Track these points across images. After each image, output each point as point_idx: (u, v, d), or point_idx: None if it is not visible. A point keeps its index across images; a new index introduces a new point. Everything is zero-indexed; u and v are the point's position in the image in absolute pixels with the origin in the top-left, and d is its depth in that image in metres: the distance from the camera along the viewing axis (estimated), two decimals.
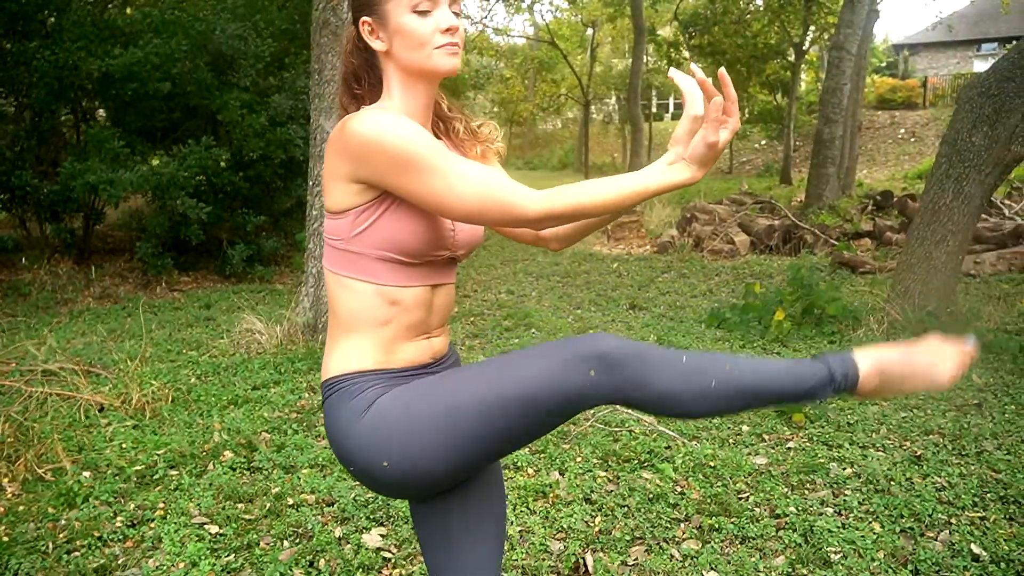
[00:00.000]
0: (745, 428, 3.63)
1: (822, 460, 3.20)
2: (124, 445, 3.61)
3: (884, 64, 30.11)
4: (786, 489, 2.95)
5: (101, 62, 7.48)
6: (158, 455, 3.47)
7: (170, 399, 4.24)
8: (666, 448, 3.36)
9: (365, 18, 1.34)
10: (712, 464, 3.16)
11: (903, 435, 3.48)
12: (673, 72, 1.24)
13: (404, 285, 1.32)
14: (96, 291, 7.88)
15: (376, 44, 1.34)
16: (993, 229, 8.27)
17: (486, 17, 37.82)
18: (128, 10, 12.67)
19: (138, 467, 3.34)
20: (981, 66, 27.83)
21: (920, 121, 24.76)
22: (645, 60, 20.97)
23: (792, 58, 20.18)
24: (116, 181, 7.26)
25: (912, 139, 24.04)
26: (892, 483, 2.95)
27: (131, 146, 8.14)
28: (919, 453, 3.24)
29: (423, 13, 1.29)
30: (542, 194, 1.21)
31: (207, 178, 8.28)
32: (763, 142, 27.59)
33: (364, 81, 1.41)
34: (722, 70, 1.14)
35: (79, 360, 5.03)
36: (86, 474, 3.27)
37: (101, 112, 9.53)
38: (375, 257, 1.29)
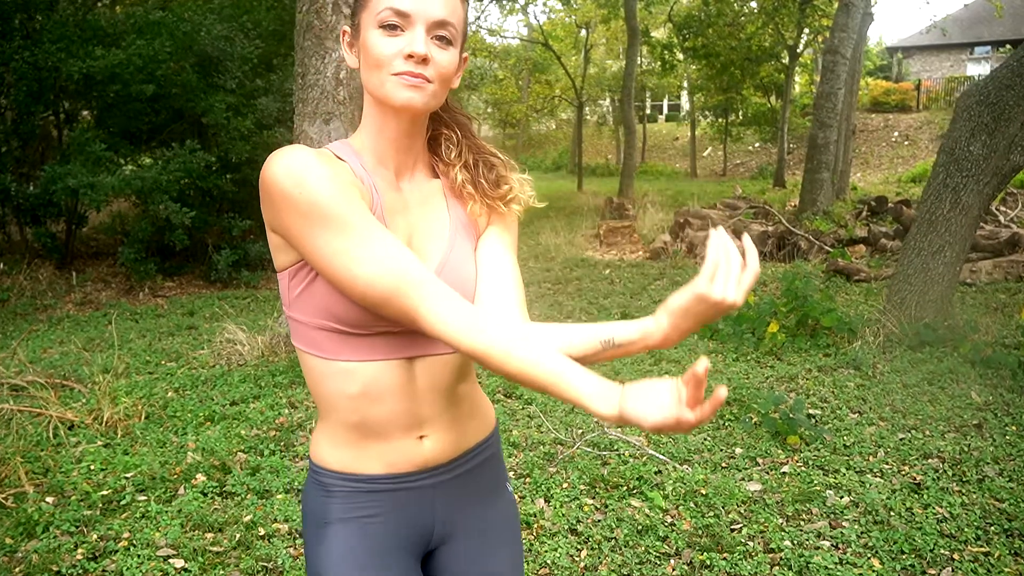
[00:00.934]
0: (739, 451, 3.51)
1: (818, 487, 3.07)
2: (92, 467, 3.46)
3: (878, 67, 30.09)
4: (781, 520, 2.82)
5: (82, 63, 7.32)
6: (127, 478, 3.33)
7: (144, 416, 4.09)
8: (656, 473, 3.23)
9: (345, 27, 1.17)
10: (704, 492, 3.03)
11: (901, 458, 3.35)
12: (716, 234, 0.97)
13: (357, 359, 1.10)
14: (77, 297, 7.72)
15: (350, 59, 1.16)
16: (989, 237, 8.17)
17: (479, 17, 37.67)
18: (118, 8, 12.53)
19: (105, 491, 3.20)
20: (974, 69, 27.82)
21: (914, 124, 24.76)
22: (639, 62, 20.86)
23: (786, 60, 20.10)
24: (97, 185, 7.09)
25: (906, 142, 24.03)
26: (891, 513, 2.83)
27: (115, 148, 7.98)
28: (919, 479, 3.12)
29: (389, 30, 1.07)
30: (456, 318, 1.00)
31: (192, 181, 8.12)
32: (756, 145, 27.54)
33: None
34: (703, 363, 0.86)
35: (52, 373, 4.88)
36: (49, 500, 3.12)
37: (85, 114, 9.35)
38: (314, 326, 1.10)
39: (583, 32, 25.68)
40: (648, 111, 32.37)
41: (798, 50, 19.49)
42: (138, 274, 8.00)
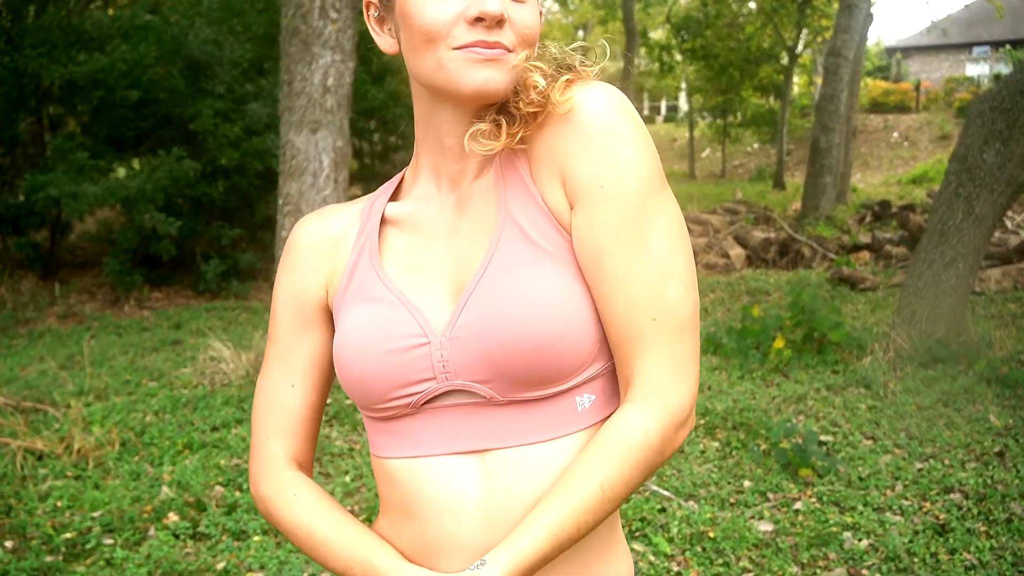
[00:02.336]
0: (747, 484, 3.30)
1: (834, 528, 2.86)
2: (59, 503, 3.25)
3: (876, 67, 29.92)
4: (796, 568, 2.61)
5: (64, 68, 7.10)
6: (94, 518, 3.11)
7: (119, 443, 3.88)
8: (660, 512, 3.02)
9: None
10: (712, 534, 2.82)
11: (921, 493, 3.14)
12: None
13: (394, 454, 0.83)
14: (60, 309, 7.50)
15: (382, 42, 0.85)
16: (997, 244, 7.97)
17: None
18: (110, 10, 12.30)
19: (69, 534, 2.98)
20: (973, 69, 27.64)
21: (913, 125, 24.58)
22: (637, 63, 20.67)
23: (785, 62, 19.91)
24: (79, 195, 6.88)
25: (905, 143, 23.86)
26: (915, 560, 2.62)
27: (99, 156, 7.76)
28: (942, 519, 2.91)
29: None
30: (272, 473, 0.90)
31: (179, 189, 7.90)
32: (755, 146, 27.34)
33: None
34: None
35: (26, 395, 4.66)
36: (8, 544, 2.91)
37: (71, 120, 9.14)
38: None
39: (580, 33, 25.50)
40: (646, 112, 32.18)
41: (797, 51, 19.29)
42: (123, 285, 7.78)
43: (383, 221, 0.88)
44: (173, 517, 3.11)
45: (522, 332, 0.75)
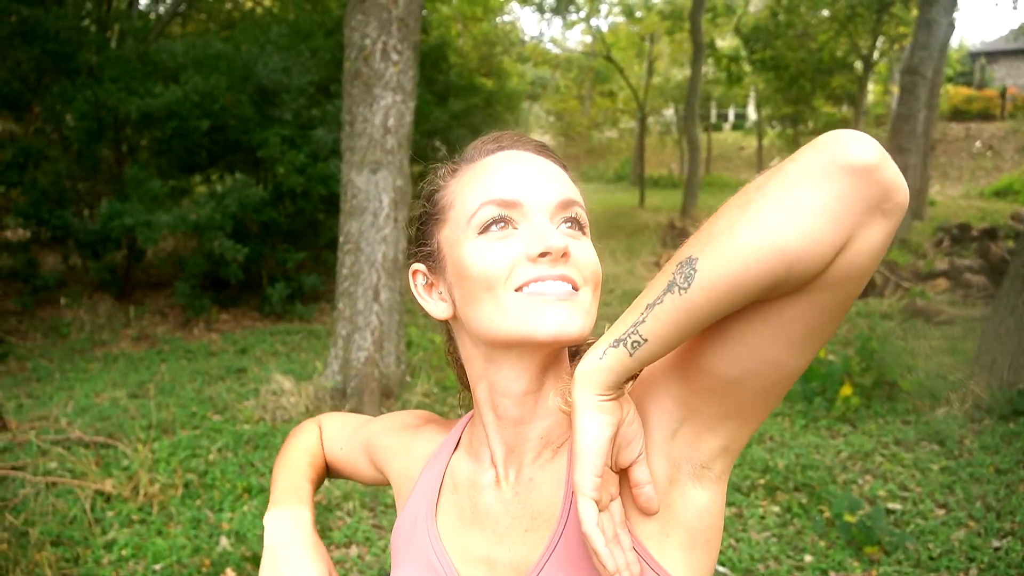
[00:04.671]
0: (808, 559, 3.17)
1: None
2: (124, 552, 3.36)
3: (958, 73, 28.68)
4: None
5: (140, 101, 7.37)
6: (156, 571, 3.20)
7: (182, 487, 3.98)
8: None
9: (416, 266, 0.83)
10: None
11: None
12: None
13: None
14: (134, 332, 7.78)
15: (434, 308, 0.81)
16: None
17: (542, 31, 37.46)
18: (189, 26, 12.72)
19: None
20: None
21: (998, 134, 23.47)
22: (704, 71, 20.31)
23: (859, 71, 19.28)
24: (153, 223, 7.12)
25: (988, 153, 22.81)
26: None
27: (172, 177, 8.04)
28: None
29: (497, 230, 0.74)
30: (317, 423, 1.20)
31: (246, 215, 8.12)
32: None
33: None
34: None
35: (97, 429, 4.84)
36: None
37: (144, 146, 9.49)
38: None
39: (647, 42, 25.22)
40: (713, 120, 31.64)
41: (872, 60, 18.65)
42: (193, 309, 8.03)
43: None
44: (231, 574, 3.17)
45: None
